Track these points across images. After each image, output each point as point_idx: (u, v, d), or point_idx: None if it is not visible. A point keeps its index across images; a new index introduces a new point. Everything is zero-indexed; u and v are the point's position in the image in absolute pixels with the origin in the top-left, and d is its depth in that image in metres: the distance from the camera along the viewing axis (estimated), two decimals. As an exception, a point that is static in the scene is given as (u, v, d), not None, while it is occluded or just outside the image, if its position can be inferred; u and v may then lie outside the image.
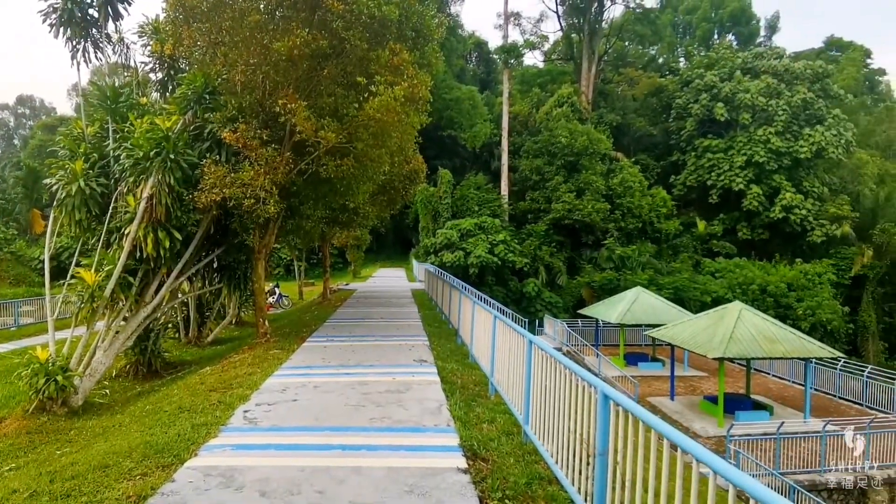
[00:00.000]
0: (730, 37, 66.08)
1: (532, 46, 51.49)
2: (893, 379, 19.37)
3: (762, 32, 66.88)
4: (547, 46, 56.99)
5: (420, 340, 12.17)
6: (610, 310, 24.48)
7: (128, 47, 13.36)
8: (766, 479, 13.67)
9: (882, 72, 69.60)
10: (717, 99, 45.00)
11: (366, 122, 11.26)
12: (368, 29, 10.99)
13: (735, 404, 17.81)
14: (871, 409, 18.91)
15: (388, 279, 36.02)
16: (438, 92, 43.69)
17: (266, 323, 13.69)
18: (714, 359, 16.56)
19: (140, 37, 13.54)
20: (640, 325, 24.11)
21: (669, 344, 19.37)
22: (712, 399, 18.17)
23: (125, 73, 15.26)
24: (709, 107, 45.18)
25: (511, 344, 6.23)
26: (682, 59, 65.82)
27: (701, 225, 43.86)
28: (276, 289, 28.42)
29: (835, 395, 20.63)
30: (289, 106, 10.66)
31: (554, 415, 4.42)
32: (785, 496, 11.75)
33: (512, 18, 49.82)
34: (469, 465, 4.87)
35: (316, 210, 16.02)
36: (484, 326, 8.43)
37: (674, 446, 2.69)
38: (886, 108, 60.30)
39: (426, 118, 14.07)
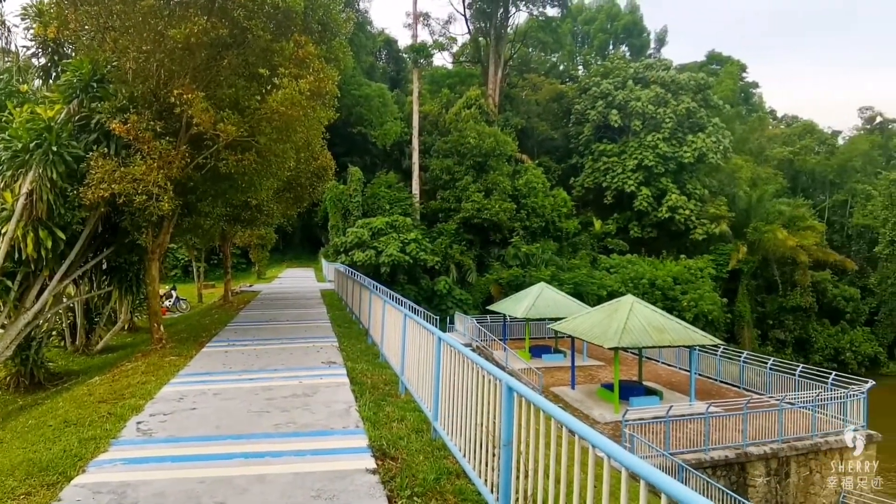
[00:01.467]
0: (623, 48, 70.66)
1: (441, 47, 52.18)
2: (765, 363, 21.57)
3: (652, 45, 72.13)
4: (455, 48, 57.99)
5: (329, 342, 11.92)
6: (516, 305, 25.31)
7: (9, 30, 12.04)
8: (657, 460, 14.69)
9: (755, 84, 77.69)
10: (612, 106, 47.95)
11: (269, 116, 10.82)
12: (272, 19, 10.58)
13: (629, 391, 19.05)
14: (748, 390, 20.51)
15: (295, 280, 34.90)
16: (348, 88, 42.98)
17: (161, 328, 12.79)
18: (609, 348, 17.60)
19: (23, 19, 12.15)
20: (543, 319, 25.12)
21: (570, 336, 20.42)
22: (609, 387, 19.34)
23: (6, 59, 13.69)
24: (604, 113, 48.06)
25: (421, 342, 6.28)
26: (580, 67, 69.51)
27: (597, 224, 46.56)
28: (172, 292, 26.71)
29: (716, 379, 22.37)
30: (185, 96, 10.00)
31: (462, 409, 4.50)
32: (674, 475, 12.82)
33: (421, 18, 50.17)
34: (378, 465, 4.85)
35: (215, 207, 15.20)
36: (394, 325, 8.42)
37: (572, 433, 2.82)
38: (759, 117, 67.37)
39: (334, 113, 13.78)
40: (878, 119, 59.88)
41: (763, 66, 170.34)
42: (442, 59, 63.12)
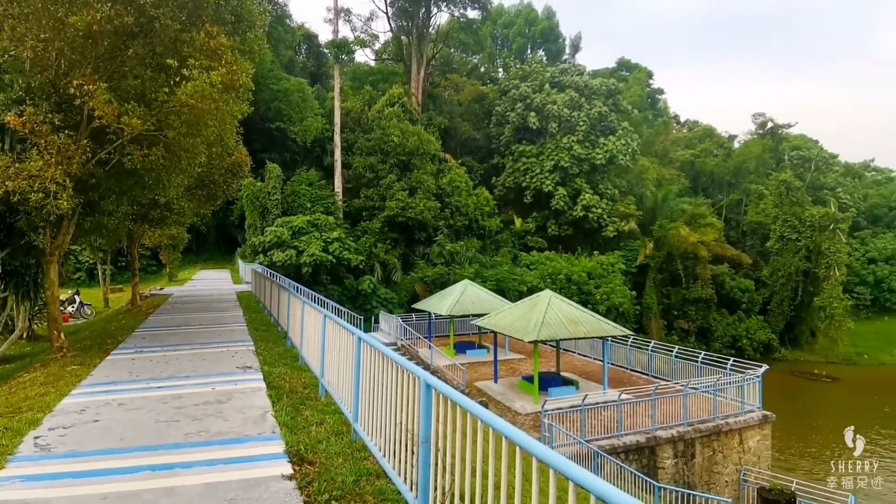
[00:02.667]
0: (541, 52, 73.03)
1: (363, 44, 51.50)
2: (671, 351, 23.07)
3: (567, 50, 75.08)
4: (378, 46, 57.47)
5: (245, 346, 11.49)
6: (441, 303, 25.53)
7: None
8: (574, 448, 15.35)
9: (661, 91, 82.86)
10: (530, 108, 49.46)
11: (178, 109, 10.27)
12: (182, 8, 10.04)
13: (548, 382, 19.76)
14: (656, 377, 21.65)
15: (210, 281, 33.24)
16: (265, 82, 41.44)
17: (62, 336, 11.82)
18: (529, 342, 18.22)
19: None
20: (468, 316, 25.50)
21: (493, 331, 20.92)
22: (529, 379, 19.98)
23: None
24: (523, 115, 49.50)
25: (341, 342, 6.21)
26: (500, 69, 71.14)
27: (518, 222, 47.91)
28: (75, 297, 24.77)
29: (627, 368, 23.58)
30: (86, 87, 9.30)
31: (382, 409, 4.51)
32: (590, 461, 13.42)
33: (342, 14, 49.25)
34: (295, 470, 4.75)
35: (120, 206, 14.20)
36: (314, 327, 8.26)
37: (487, 426, 2.90)
38: (663, 122, 71.90)
39: (248, 107, 13.31)
40: (770, 124, 65.56)
41: (668, 74, 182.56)
42: (364, 56, 62.63)
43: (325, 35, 79.22)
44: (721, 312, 48.08)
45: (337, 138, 42.83)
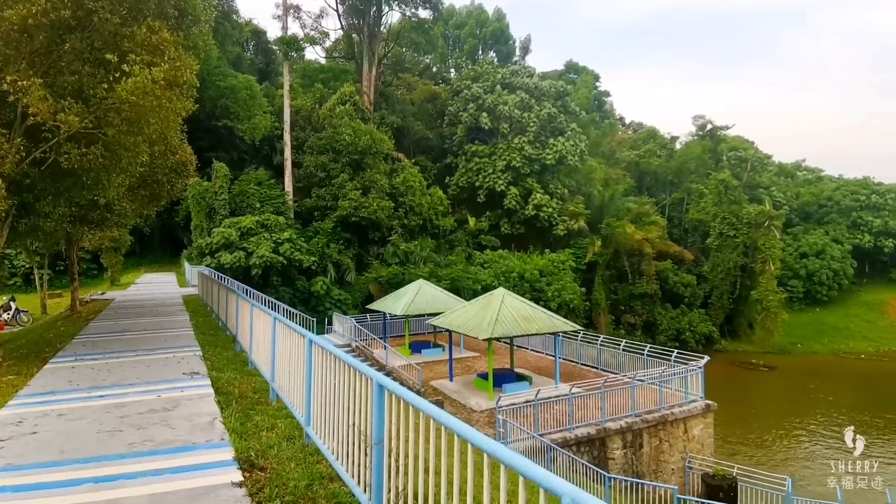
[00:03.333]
0: (492, 53, 73.74)
1: (313, 42, 50.64)
2: (619, 345, 23.82)
3: (517, 52, 76.05)
4: (328, 43, 56.67)
5: (191, 351, 11.16)
6: (396, 303, 25.46)
7: None
8: (528, 442, 15.66)
9: (607, 93, 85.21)
10: (482, 109, 49.97)
11: (118, 106, 9.87)
12: (122, 2, 9.65)
13: (502, 378, 20.06)
14: (605, 371, 22.37)
15: (154, 285, 31.98)
16: (212, 78, 40.18)
17: (-4, 344, 11.15)
18: (484, 339, 18.45)
19: None
20: (423, 315, 25.52)
21: (448, 330, 21.05)
22: (484, 376, 20.22)
23: None
24: (475, 116, 49.95)
25: (291, 345, 6.14)
26: (452, 69, 71.49)
27: (472, 222, 48.34)
28: (11, 303, 23.55)
29: (578, 362, 24.19)
30: (20, 83, 8.82)
31: (335, 411, 4.50)
32: (543, 454, 13.71)
33: (292, 11, 48.28)
34: (245, 477, 4.68)
35: (57, 207, 13.49)
36: (263, 330, 8.12)
37: (439, 425, 2.95)
38: (610, 124, 74.00)
39: (193, 104, 12.89)
40: (709, 126, 68.43)
41: (613, 77, 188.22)
42: (314, 54, 61.49)
43: (273, 32, 77.43)
44: (665, 307, 50.02)
45: (287, 137, 41.96)
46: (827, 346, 53.57)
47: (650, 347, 22.48)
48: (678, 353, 21.36)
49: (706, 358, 20.90)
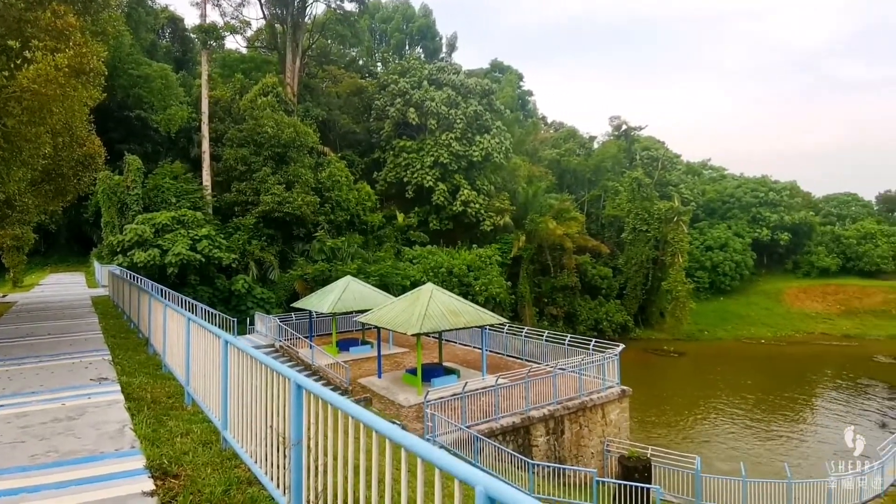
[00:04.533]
0: (419, 49, 73.68)
1: (233, 30, 48.34)
2: (542, 336, 24.68)
3: (444, 49, 76.39)
4: (250, 33, 54.28)
5: (100, 356, 10.45)
6: (322, 300, 25.00)
7: None
8: (455, 434, 15.93)
9: (530, 93, 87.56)
10: (410, 104, 49.89)
11: (18, 95, 9.10)
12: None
13: (431, 373, 20.27)
14: (529, 361, 23.09)
15: (61, 286, 29.57)
16: (124, 66, 37.63)
17: None
18: (413, 335, 18.55)
19: None
20: (351, 313, 25.26)
21: (376, 326, 20.96)
22: (412, 371, 20.33)
23: None
24: (403, 111, 49.79)
25: (207, 347, 5.89)
26: (379, 63, 70.77)
27: (400, 217, 48.25)
28: None
29: (504, 354, 24.93)
30: None
31: (253, 414, 4.38)
32: (470, 445, 13.97)
33: (211, -2, 45.88)
34: (158, 485, 4.46)
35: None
36: (177, 331, 7.75)
37: (357, 422, 2.95)
38: (533, 123, 76.01)
39: (101, 93, 12.06)
40: (624, 127, 72.06)
41: (536, 77, 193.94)
42: (235, 43, 58.97)
43: (192, 19, 73.58)
44: (585, 298, 52.41)
45: (205, 128, 39.95)
46: (730, 332, 58.17)
47: (571, 337, 23.42)
48: (596, 342, 22.42)
49: (621, 346, 22.05)
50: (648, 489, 15.04)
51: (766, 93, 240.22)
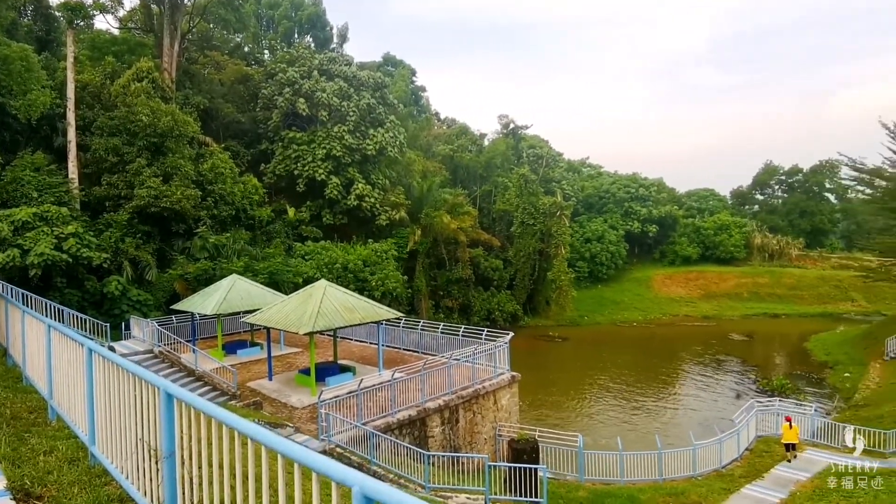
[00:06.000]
0: (308, 38, 71.29)
1: (103, 9, 43.54)
2: (437, 328, 25.23)
3: (335, 40, 74.58)
4: (122, 12, 49.33)
5: (-58, 373, 9.21)
6: (206, 301, 23.68)
7: None
8: (351, 432, 15.87)
9: (423, 88, 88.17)
10: (299, 94, 48.23)
11: None
12: None
13: (325, 372, 20.01)
14: (425, 353, 23.58)
15: None
16: (-21, 47, 32.60)
17: None
18: (305, 334, 18.18)
19: None
20: (238, 313, 24.19)
21: (266, 327, 20.26)
22: (306, 371, 19.92)
23: None
24: (292, 101, 48.01)
25: (70, 356, 5.46)
26: (266, 51, 67.65)
27: (291, 212, 46.65)
28: None
29: (401, 348, 25.22)
30: None
31: (122, 427, 4.16)
32: (366, 442, 14.01)
33: (78, -28, 40.95)
34: (17, 509, 4.13)
35: None
36: (37, 340, 7.05)
37: (232, 430, 2.92)
38: (426, 118, 76.88)
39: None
40: (511, 125, 75.22)
41: (429, 73, 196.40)
42: (106, 23, 53.29)
43: (57, -6, 65.04)
44: (478, 290, 54.39)
45: (71, 116, 35.77)
46: (607, 317, 63.28)
47: (465, 328, 24.24)
48: (488, 331, 23.43)
49: (511, 334, 23.18)
50: (536, 469, 15.97)
51: (637, 95, 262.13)
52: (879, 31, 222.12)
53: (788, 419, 21.23)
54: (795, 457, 20.37)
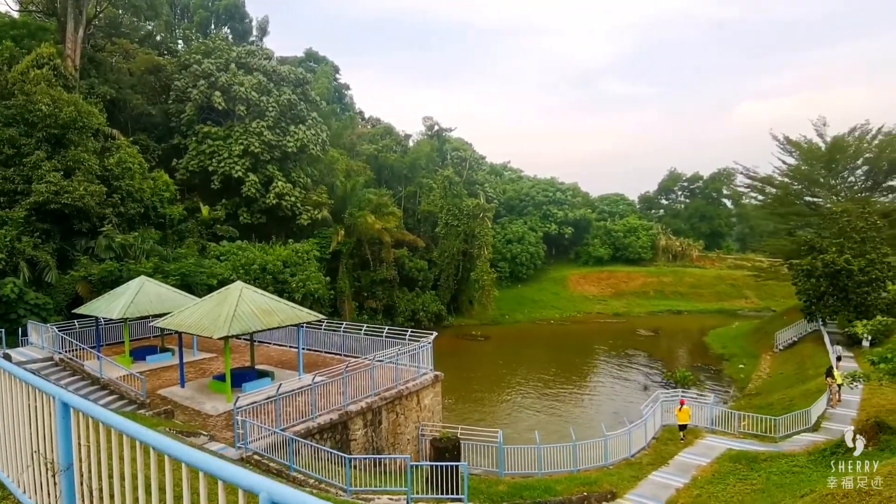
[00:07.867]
0: (225, 30, 68.37)
1: (0, -11, 39.63)
2: (360, 329, 24.99)
3: (254, 33, 71.97)
4: (23, -5, 45.03)
5: None
6: (111, 304, 22.20)
7: None
8: (269, 439, 15.47)
9: (347, 87, 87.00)
10: (215, 87, 46.13)
11: None
12: None
13: (242, 377, 19.35)
14: (348, 356, 23.27)
15: None
16: None
17: None
18: (219, 338, 17.52)
19: None
20: (146, 317, 22.84)
21: (177, 331, 19.31)
22: (221, 377, 19.21)
23: None
24: (207, 94, 45.85)
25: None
26: (180, 41, 64.15)
27: (205, 210, 44.50)
28: None
29: (322, 351, 24.81)
30: None
31: (16, 439, 4.00)
32: (285, 448, 13.71)
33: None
34: None
35: None
36: None
37: (133, 439, 2.88)
38: (350, 117, 75.93)
39: None
40: (436, 127, 75.87)
41: (353, 72, 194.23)
42: (5, 5, 48.33)
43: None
44: (403, 290, 54.48)
45: (-42, 103, 32.20)
46: (527, 315, 65.51)
47: (389, 329, 24.19)
48: (412, 332, 23.55)
49: (434, 334, 23.42)
50: (457, 467, 16.29)
51: (555, 101, 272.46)
52: (783, 48, 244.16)
53: (682, 402, 23.37)
54: (684, 437, 22.49)
